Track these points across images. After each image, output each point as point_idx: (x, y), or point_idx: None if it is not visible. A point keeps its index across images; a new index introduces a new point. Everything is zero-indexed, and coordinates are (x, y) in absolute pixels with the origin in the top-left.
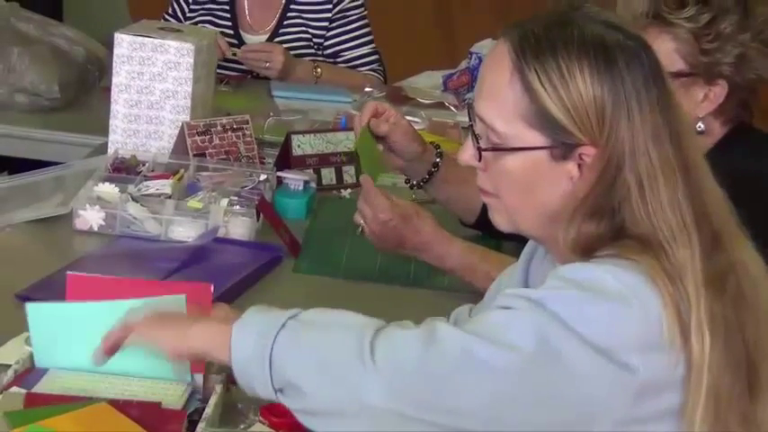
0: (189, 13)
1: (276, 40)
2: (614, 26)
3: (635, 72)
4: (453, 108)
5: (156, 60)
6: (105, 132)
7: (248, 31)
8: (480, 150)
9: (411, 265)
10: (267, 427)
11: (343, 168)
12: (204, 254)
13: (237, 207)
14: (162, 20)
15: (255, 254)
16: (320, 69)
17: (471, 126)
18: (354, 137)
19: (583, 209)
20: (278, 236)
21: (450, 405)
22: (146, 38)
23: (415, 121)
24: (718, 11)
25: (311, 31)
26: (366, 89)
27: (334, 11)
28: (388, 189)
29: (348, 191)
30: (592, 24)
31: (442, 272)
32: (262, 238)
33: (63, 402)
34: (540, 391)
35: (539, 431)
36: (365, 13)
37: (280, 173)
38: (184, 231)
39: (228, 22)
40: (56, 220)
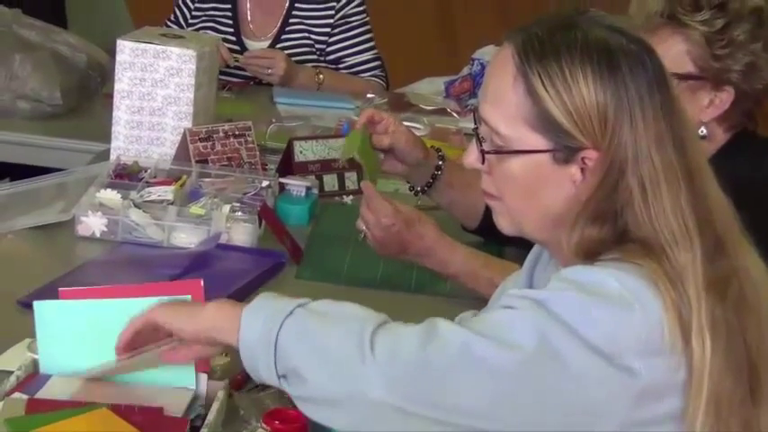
0: (191, 20)
1: (278, 46)
2: (618, 30)
3: (638, 77)
4: (455, 114)
5: (159, 67)
6: (107, 139)
7: (250, 37)
8: (484, 153)
9: (413, 271)
10: None
11: (346, 175)
12: (206, 260)
13: (240, 213)
14: (164, 26)
15: (258, 260)
16: (322, 75)
17: (476, 129)
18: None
19: (586, 212)
20: (280, 242)
21: (449, 401)
22: (148, 44)
23: (417, 127)
24: (733, 17)
25: (313, 36)
26: (368, 95)
27: (337, 17)
28: (390, 196)
29: (350, 197)
30: (596, 28)
31: (445, 278)
32: (264, 244)
33: (65, 408)
34: (539, 392)
35: (537, 431)
36: (367, 18)
37: (282, 179)
38: (187, 238)
39: (231, 29)
40: (58, 226)
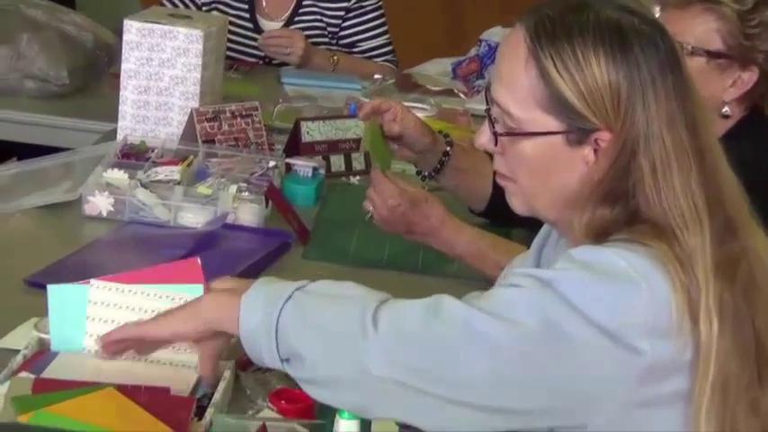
0: None
1: (291, 27)
2: (630, 10)
3: (651, 57)
4: (462, 95)
5: (166, 47)
6: (114, 118)
7: (265, 17)
8: (496, 135)
9: (420, 252)
10: (276, 413)
11: (353, 155)
12: (213, 240)
13: (246, 193)
14: (171, 4)
15: (264, 240)
16: (337, 57)
17: (488, 110)
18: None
19: (597, 193)
20: (287, 222)
21: (450, 377)
22: (155, 24)
23: (424, 108)
24: None
25: (326, 19)
26: (375, 76)
27: (353, 0)
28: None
29: (357, 177)
30: (608, 9)
31: (451, 259)
32: (270, 224)
33: (71, 387)
34: (541, 369)
35: (540, 408)
36: (380, 3)
37: (289, 159)
38: (193, 217)
39: (245, 5)
40: (65, 205)
